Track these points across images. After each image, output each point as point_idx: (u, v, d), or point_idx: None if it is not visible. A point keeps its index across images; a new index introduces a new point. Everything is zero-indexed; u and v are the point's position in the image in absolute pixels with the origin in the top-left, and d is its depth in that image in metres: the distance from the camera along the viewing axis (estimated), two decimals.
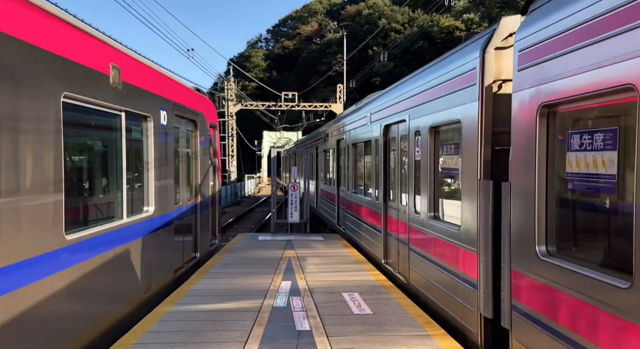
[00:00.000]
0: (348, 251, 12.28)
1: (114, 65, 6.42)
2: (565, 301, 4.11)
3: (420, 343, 5.89)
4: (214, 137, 12.81)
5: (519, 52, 4.94)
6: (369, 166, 11.86)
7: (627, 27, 3.42)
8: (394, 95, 9.59)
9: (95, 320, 5.94)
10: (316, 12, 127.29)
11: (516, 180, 4.92)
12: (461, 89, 6.29)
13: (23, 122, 4.49)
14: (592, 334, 3.77)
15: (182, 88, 10.05)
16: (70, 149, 5.73)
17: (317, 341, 5.93)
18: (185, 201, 10.03)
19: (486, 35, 6.07)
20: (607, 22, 3.64)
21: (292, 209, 16.17)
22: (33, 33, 4.67)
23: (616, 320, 3.50)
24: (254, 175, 69.18)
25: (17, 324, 4.41)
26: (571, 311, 4.05)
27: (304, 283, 8.77)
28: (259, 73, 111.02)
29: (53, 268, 4.98)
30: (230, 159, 50.86)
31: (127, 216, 6.94)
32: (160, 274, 8.31)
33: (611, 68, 3.55)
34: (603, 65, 3.63)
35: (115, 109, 6.63)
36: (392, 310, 7.17)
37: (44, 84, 4.83)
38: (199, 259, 10.75)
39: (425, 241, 7.63)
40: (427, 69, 7.91)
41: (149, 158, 7.80)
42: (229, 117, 50.49)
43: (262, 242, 13.93)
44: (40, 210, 4.75)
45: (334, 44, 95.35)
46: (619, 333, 3.47)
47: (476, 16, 76.93)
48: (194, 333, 6.20)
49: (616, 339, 3.50)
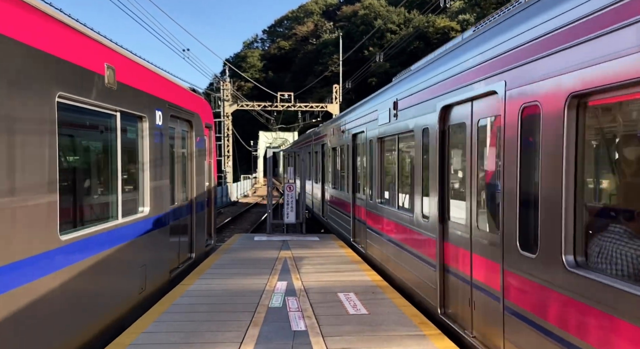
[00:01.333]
0: (344, 251, 12.28)
1: (109, 66, 6.40)
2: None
3: (416, 343, 5.90)
4: (210, 138, 12.79)
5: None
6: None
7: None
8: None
9: (90, 321, 5.92)
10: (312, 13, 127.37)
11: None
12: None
13: (17, 122, 4.47)
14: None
15: (177, 88, 10.03)
16: (65, 150, 5.71)
17: (312, 341, 5.92)
18: (181, 201, 10.01)
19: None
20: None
21: (288, 210, 16.16)
22: (28, 33, 4.65)
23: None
24: (249, 175, 69.16)
25: (11, 326, 4.39)
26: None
27: (300, 283, 8.77)
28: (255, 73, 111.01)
29: (47, 269, 4.96)
30: (226, 159, 50.79)
31: (122, 216, 6.93)
32: (156, 275, 8.29)
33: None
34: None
35: (110, 109, 6.62)
36: (387, 310, 7.18)
37: (39, 84, 4.82)
38: (195, 260, 10.74)
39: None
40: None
41: (144, 158, 7.78)
42: (225, 117, 50.43)
43: (258, 242, 13.91)
44: (34, 210, 4.73)
45: (330, 45, 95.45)
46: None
47: (472, 17, 77.12)
48: (189, 333, 6.18)
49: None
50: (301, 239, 14.66)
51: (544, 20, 4.34)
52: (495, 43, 5.33)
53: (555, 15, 4.18)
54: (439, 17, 74.61)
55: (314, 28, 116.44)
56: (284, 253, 11.97)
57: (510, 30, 5.01)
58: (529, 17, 4.69)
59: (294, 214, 16.20)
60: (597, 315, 3.55)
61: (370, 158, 11.21)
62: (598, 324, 3.55)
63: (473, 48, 5.90)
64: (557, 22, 4.12)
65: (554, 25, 4.17)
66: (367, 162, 11.48)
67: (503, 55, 5.10)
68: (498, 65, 5.19)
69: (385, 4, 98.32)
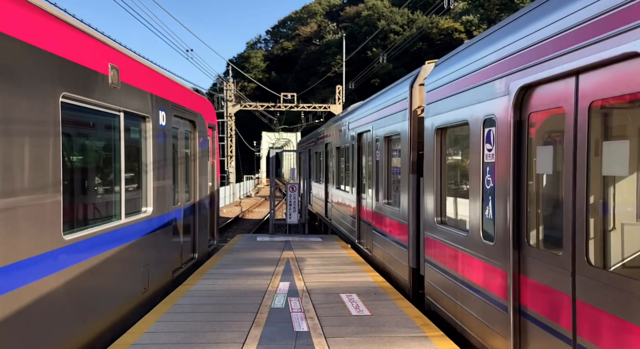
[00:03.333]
0: (346, 252, 12.28)
1: (113, 66, 6.42)
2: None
3: (418, 344, 5.89)
4: (213, 138, 12.81)
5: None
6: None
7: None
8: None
9: (92, 321, 5.93)
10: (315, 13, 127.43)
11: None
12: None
13: (22, 122, 4.49)
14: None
15: (180, 89, 10.05)
16: (69, 149, 5.73)
17: (315, 342, 5.93)
18: (184, 201, 10.02)
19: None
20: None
21: (291, 210, 16.17)
22: (32, 33, 4.67)
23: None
24: (252, 176, 69.20)
25: (15, 325, 4.41)
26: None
27: (302, 284, 8.77)
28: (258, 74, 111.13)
29: (51, 268, 4.97)
30: (229, 159, 50.82)
31: (125, 216, 6.94)
32: (158, 275, 8.30)
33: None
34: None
35: (114, 110, 6.63)
36: (390, 311, 7.18)
37: (43, 84, 4.83)
38: (197, 260, 10.75)
39: None
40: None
41: (147, 159, 7.80)
42: (228, 118, 50.47)
43: (260, 243, 13.92)
44: (38, 210, 4.74)
45: (333, 45, 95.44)
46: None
47: (475, 18, 77.09)
48: (191, 333, 6.19)
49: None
50: (303, 239, 14.67)
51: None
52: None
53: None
54: (442, 18, 74.54)
55: (317, 29, 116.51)
56: (287, 254, 11.97)
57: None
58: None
59: (297, 215, 16.21)
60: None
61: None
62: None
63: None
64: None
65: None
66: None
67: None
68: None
69: (389, 5, 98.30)
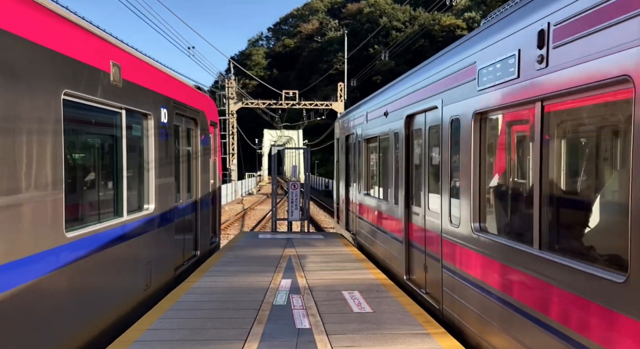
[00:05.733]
0: (348, 250, 12.28)
1: (115, 63, 6.42)
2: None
3: (420, 341, 5.90)
4: (215, 135, 12.81)
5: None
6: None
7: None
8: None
9: (95, 318, 5.94)
10: (317, 11, 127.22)
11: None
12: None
13: (23, 120, 4.49)
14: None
15: (182, 86, 10.05)
16: (71, 147, 5.73)
17: (316, 339, 5.93)
18: (186, 199, 10.03)
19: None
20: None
21: (293, 208, 16.17)
22: (34, 30, 4.67)
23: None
24: (254, 173, 69.23)
25: (17, 322, 4.42)
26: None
27: (304, 281, 8.78)
28: (260, 71, 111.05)
29: (53, 266, 4.98)
30: (231, 157, 50.85)
31: (127, 213, 6.94)
32: (161, 272, 8.32)
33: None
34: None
35: (116, 107, 6.63)
36: (391, 308, 7.18)
37: (45, 82, 4.83)
38: (199, 257, 10.76)
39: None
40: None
41: (149, 156, 7.80)
42: (230, 115, 50.47)
43: (262, 240, 13.93)
44: (41, 208, 4.75)
45: (335, 43, 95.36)
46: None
47: (477, 15, 76.86)
48: (194, 330, 6.20)
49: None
50: (305, 237, 14.67)
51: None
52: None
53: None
54: (444, 14, 74.39)
55: (319, 26, 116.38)
56: (289, 251, 11.98)
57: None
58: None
59: (298, 212, 16.21)
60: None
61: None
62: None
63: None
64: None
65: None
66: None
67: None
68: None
69: (391, 2, 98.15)
